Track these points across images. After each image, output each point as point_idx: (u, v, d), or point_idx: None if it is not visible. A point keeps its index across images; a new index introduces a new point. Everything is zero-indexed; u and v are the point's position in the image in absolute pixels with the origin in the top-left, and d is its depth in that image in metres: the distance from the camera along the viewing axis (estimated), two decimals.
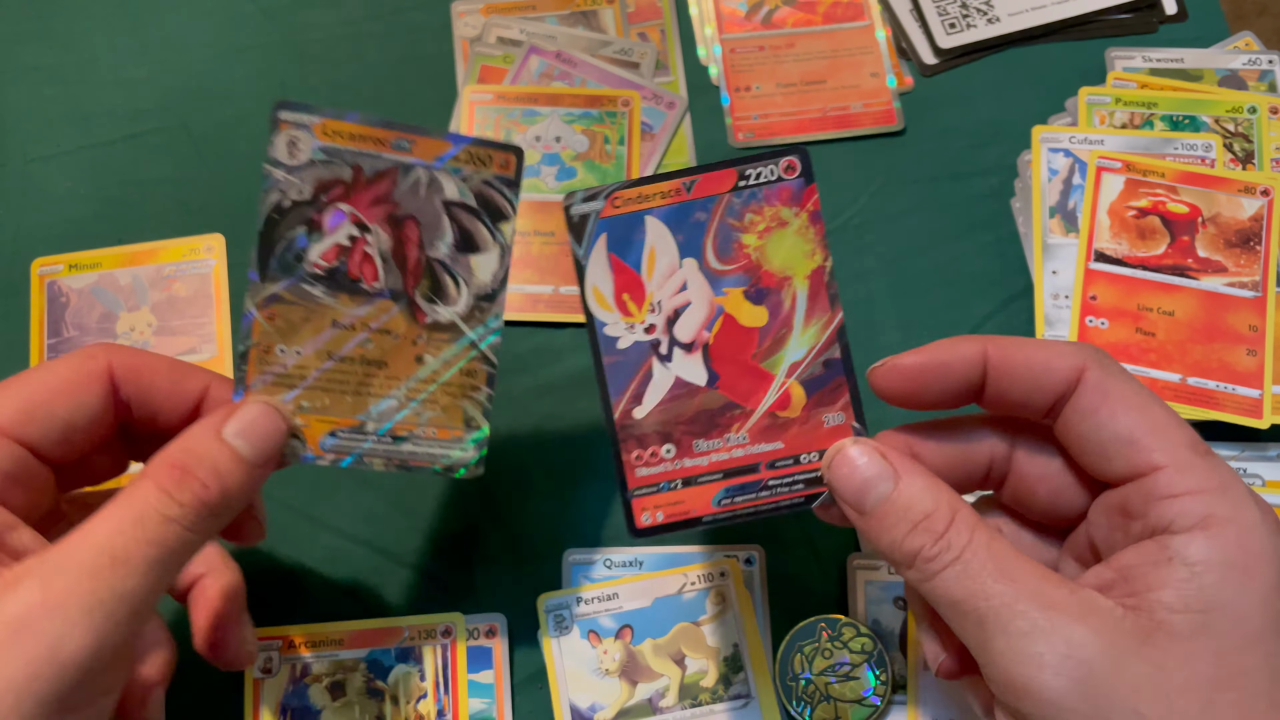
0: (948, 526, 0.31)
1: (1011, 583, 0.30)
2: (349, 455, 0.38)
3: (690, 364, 0.38)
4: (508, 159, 0.39)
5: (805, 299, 0.38)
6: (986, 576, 0.30)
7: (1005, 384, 0.33)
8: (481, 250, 0.39)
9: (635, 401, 0.38)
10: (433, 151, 0.38)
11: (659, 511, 0.38)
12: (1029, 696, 0.29)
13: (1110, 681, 0.28)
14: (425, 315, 0.39)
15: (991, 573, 0.30)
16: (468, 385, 0.39)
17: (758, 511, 0.38)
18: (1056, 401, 0.33)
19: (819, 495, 0.37)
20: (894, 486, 0.33)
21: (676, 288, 0.38)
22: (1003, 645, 0.29)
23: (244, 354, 0.37)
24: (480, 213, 0.39)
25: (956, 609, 0.31)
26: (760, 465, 0.38)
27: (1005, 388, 0.33)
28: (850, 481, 0.34)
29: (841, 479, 0.34)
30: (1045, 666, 0.29)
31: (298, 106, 0.37)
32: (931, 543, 0.31)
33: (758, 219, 0.38)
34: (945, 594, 0.31)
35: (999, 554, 0.31)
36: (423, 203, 0.38)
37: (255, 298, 0.37)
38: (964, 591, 0.30)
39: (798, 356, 0.38)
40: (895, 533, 0.32)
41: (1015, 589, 0.30)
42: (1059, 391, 0.32)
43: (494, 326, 0.39)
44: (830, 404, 0.37)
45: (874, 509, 0.33)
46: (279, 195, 0.37)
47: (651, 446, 0.38)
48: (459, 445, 0.39)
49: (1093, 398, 0.32)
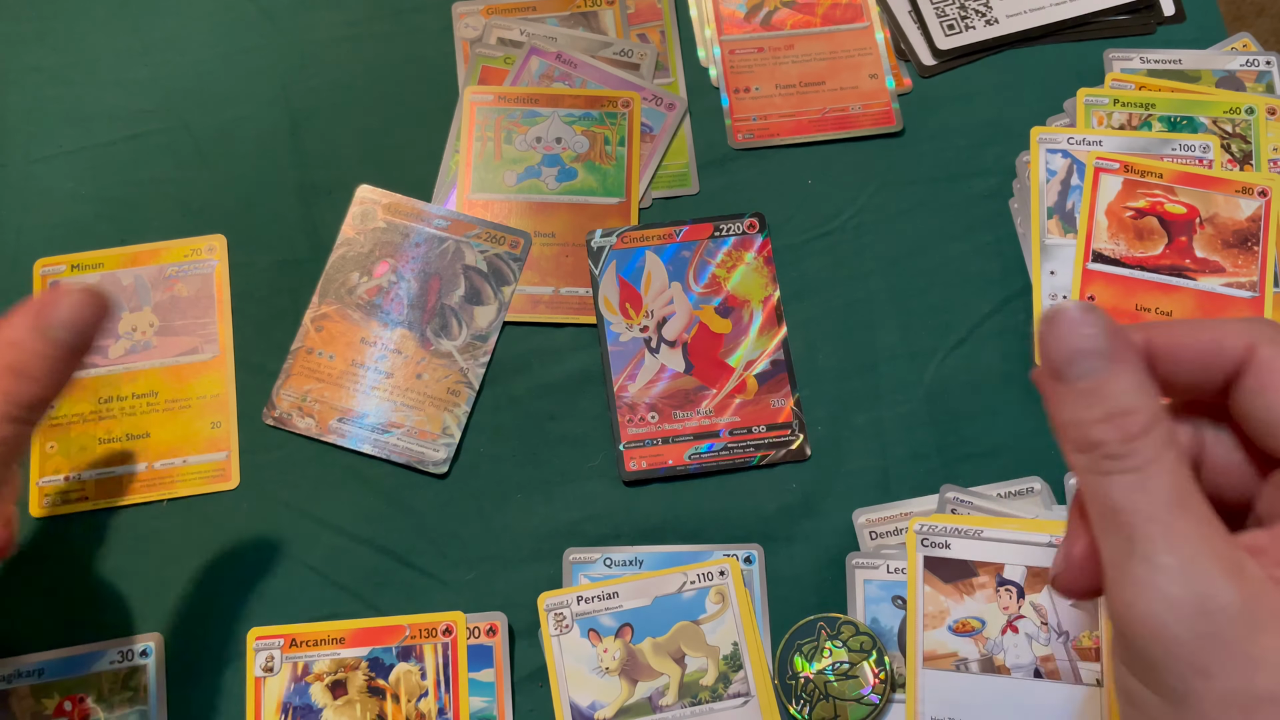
0: (1143, 431, 0.29)
1: (1179, 514, 0.28)
2: (348, 438, 0.50)
3: (673, 356, 0.52)
4: (518, 240, 0.53)
5: (760, 317, 0.53)
6: (1159, 497, 0.28)
7: (1173, 368, 0.31)
8: (484, 304, 0.52)
9: (630, 380, 0.51)
10: (463, 229, 0.53)
11: (644, 461, 0.50)
12: (1147, 632, 0.28)
13: (1233, 647, 0.27)
14: (431, 344, 0.52)
15: (1165, 496, 0.28)
16: (450, 401, 0.51)
17: (718, 465, 0.50)
18: (1227, 381, 0.31)
19: (766, 455, 0.50)
20: (1108, 368, 0.29)
21: (665, 301, 0.53)
22: (1142, 573, 0.28)
23: (294, 352, 0.51)
24: (489, 277, 0.53)
25: (1112, 517, 0.29)
26: (722, 431, 0.51)
27: (1173, 371, 0.31)
28: (1063, 343, 0.30)
29: (1055, 338, 0.30)
30: (1175, 610, 0.27)
31: (375, 190, 0.54)
32: (1120, 441, 0.29)
33: (726, 258, 0.54)
34: (1108, 496, 0.29)
35: (1180, 482, 0.29)
36: (448, 264, 0.53)
37: (311, 314, 0.52)
38: (1129, 503, 0.28)
39: (753, 357, 0.52)
40: (1087, 414, 0.29)
41: (1179, 522, 0.28)
42: (1229, 371, 0.30)
43: (483, 360, 0.52)
44: (776, 391, 0.51)
45: (1077, 381, 0.29)
46: (346, 248, 0.53)
47: (640, 413, 0.51)
48: (433, 447, 0.50)
49: (1264, 376, 0.30)
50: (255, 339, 0.52)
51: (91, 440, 0.50)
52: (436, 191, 0.55)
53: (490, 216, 0.54)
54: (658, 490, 0.50)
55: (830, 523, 0.49)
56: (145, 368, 0.52)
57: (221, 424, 0.51)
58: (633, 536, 0.49)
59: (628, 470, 0.50)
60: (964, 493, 0.48)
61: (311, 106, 0.57)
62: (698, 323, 0.52)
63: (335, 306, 0.52)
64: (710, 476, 0.50)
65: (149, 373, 0.52)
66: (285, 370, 0.51)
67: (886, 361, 0.52)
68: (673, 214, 0.55)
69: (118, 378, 0.51)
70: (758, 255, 0.53)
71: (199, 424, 0.51)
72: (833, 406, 0.51)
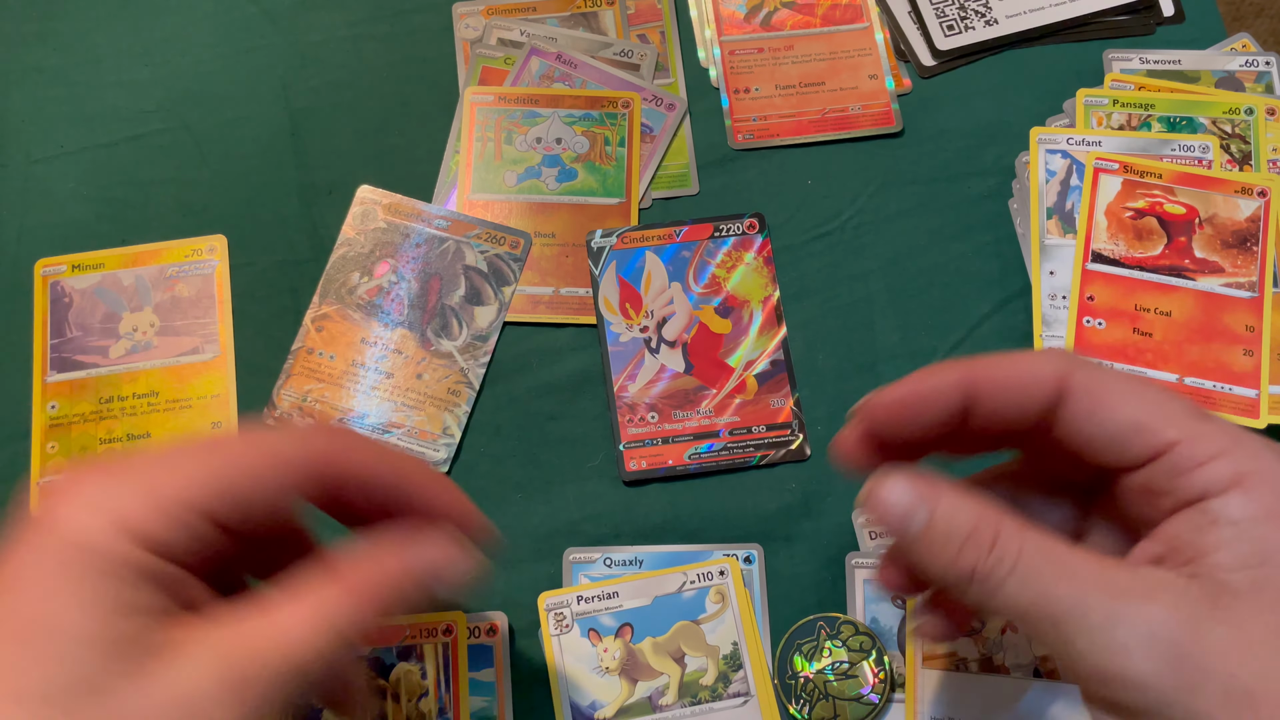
0: (994, 538, 0.31)
1: (1074, 579, 0.30)
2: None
3: (673, 356, 0.52)
4: (518, 241, 0.53)
5: (760, 317, 0.52)
6: (1048, 579, 0.30)
7: (992, 402, 0.33)
8: (485, 304, 0.52)
9: (630, 380, 0.51)
10: (463, 230, 0.53)
11: (644, 460, 0.50)
12: (1123, 685, 0.29)
13: (1196, 651, 0.28)
14: (431, 344, 0.52)
15: (1052, 575, 0.30)
16: (451, 401, 0.50)
17: (718, 465, 0.50)
18: (1043, 411, 0.33)
19: (766, 455, 0.49)
20: (930, 511, 0.32)
21: (665, 302, 0.52)
22: (1085, 643, 0.29)
23: (294, 352, 0.51)
24: (490, 277, 0.52)
25: (1028, 618, 0.31)
26: (722, 431, 0.50)
27: (993, 406, 0.33)
28: (889, 518, 0.33)
29: (881, 518, 0.33)
30: (1132, 653, 0.29)
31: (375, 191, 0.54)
32: (984, 557, 0.31)
33: (726, 259, 0.53)
34: (1013, 605, 0.31)
35: (1053, 553, 0.31)
36: (448, 265, 0.53)
37: (312, 314, 0.52)
38: (1030, 598, 0.30)
39: (752, 357, 0.52)
40: (945, 555, 0.32)
41: (1080, 585, 0.30)
42: (1047, 399, 0.32)
43: (483, 361, 0.51)
44: (775, 391, 0.51)
45: (917, 538, 0.32)
46: (346, 248, 0.53)
47: (640, 413, 0.51)
48: (433, 447, 0.50)
49: (1088, 399, 0.32)
50: (256, 339, 0.52)
51: (92, 441, 0.51)
52: (437, 192, 0.55)
53: (490, 217, 0.54)
54: (658, 490, 0.50)
55: (830, 522, 0.49)
56: (146, 368, 0.52)
57: (222, 424, 0.51)
58: (633, 536, 0.49)
59: (628, 470, 0.50)
60: None
61: (312, 106, 0.57)
62: (698, 323, 0.52)
63: (336, 306, 0.53)
64: (710, 476, 0.50)
65: (150, 373, 0.52)
66: (286, 370, 0.51)
67: (886, 361, 0.52)
68: (673, 214, 0.55)
69: (118, 378, 0.51)
70: (757, 255, 0.53)
71: (200, 424, 0.51)
72: (832, 406, 0.51)
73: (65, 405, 0.51)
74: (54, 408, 0.51)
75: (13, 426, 0.51)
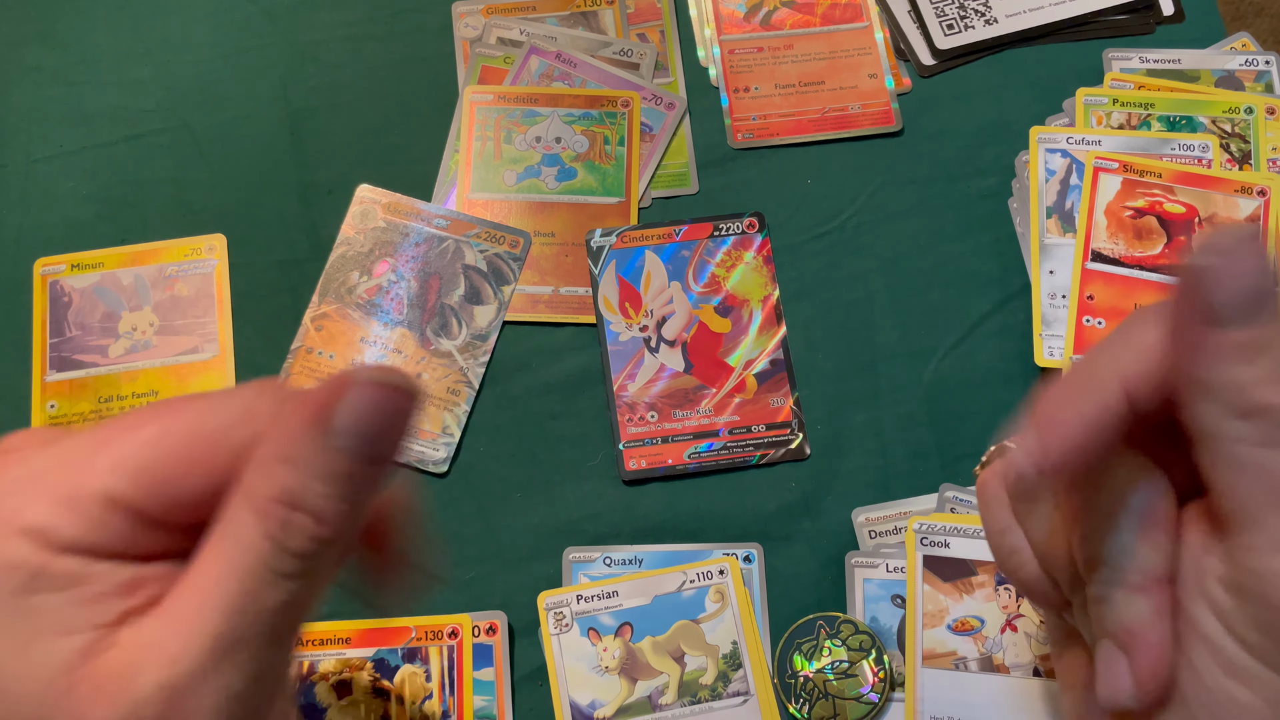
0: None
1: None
2: None
3: (672, 355, 0.52)
4: (517, 240, 0.53)
5: (760, 316, 0.52)
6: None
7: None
8: (484, 303, 0.52)
9: (630, 379, 0.51)
10: (462, 229, 0.53)
11: (643, 460, 0.50)
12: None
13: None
14: (431, 344, 0.52)
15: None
16: (450, 400, 0.51)
17: (718, 464, 0.50)
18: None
19: (766, 455, 0.49)
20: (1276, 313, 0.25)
21: (665, 301, 0.52)
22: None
23: (294, 351, 0.51)
24: (489, 276, 0.52)
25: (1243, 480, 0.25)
26: (722, 430, 0.50)
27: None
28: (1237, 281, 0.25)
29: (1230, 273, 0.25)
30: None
31: (375, 190, 0.54)
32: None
33: (726, 258, 0.53)
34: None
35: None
36: (447, 264, 0.53)
37: (311, 314, 0.52)
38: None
39: (752, 356, 0.52)
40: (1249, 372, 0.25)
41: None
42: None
43: (482, 360, 0.52)
44: (775, 390, 0.51)
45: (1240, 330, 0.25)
46: (346, 248, 0.53)
47: (640, 412, 0.51)
48: (432, 446, 0.50)
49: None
50: (255, 339, 0.52)
51: None
52: (436, 191, 0.55)
53: (490, 216, 0.54)
54: (657, 489, 0.50)
55: (829, 522, 0.49)
56: (145, 367, 0.52)
57: None
58: (632, 535, 0.49)
59: (627, 469, 0.50)
60: (963, 491, 0.48)
61: (311, 106, 0.57)
62: (697, 322, 0.52)
63: (335, 306, 0.53)
64: (710, 475, 0.50)
65: (149, 372, 0.52)
66: (285, 370, 0.51)
67: (885, 361, 0.52)
68: (672, 214, 0.55)
69: (117, 377, 0.51)
70: (757, 255, 0.53)
71: None
72: (832, 406, 0.51)
73: (65, 404, 0.51)
74: (53, 407, 0.51)
75: (12, 426, 0.51)
